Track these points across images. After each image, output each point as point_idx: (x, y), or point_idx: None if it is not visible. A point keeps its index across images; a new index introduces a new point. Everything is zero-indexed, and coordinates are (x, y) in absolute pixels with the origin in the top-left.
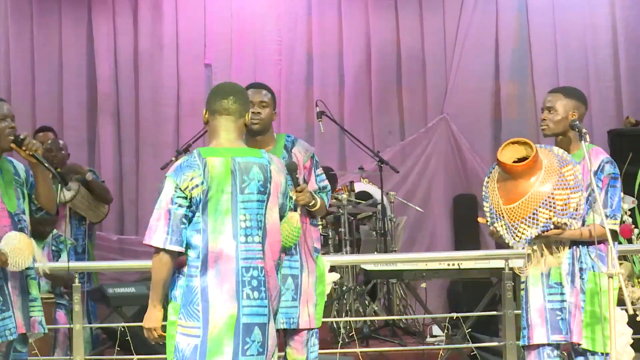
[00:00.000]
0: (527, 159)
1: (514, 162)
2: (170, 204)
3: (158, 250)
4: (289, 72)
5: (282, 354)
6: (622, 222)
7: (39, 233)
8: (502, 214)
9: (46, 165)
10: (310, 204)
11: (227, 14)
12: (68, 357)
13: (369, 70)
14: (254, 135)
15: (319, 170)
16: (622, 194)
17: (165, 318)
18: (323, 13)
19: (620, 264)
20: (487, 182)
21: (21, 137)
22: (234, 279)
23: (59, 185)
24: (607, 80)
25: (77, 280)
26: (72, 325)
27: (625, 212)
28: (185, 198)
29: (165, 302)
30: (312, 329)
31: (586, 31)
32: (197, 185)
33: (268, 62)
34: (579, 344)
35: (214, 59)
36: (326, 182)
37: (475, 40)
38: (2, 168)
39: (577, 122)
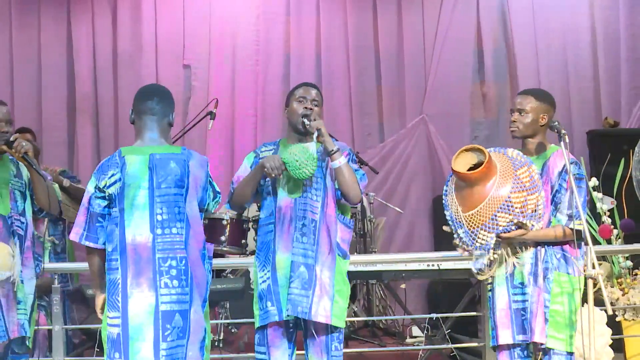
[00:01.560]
0: (481, 164)
1: (469, 169)
2: (88, 203)
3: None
4: (268, 73)
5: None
6: (601, 222)
7: None
8: (462, 221)
9: (34, 166)
10: (324, 137)
11: (206, 15)
12: (47, 359)
13: (347, 71)
14: (305, 135)
15: (355, 165)
16: (600, 195)
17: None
18: (301, 14)
19: (600, 264)
20: (446, 191)
21: (11, 139)
22: (151, 269)
23: None
24: (586, 80)
25: (56, 282)
26: (51, 327)
27: (605, 213)
28: (104, 197)
29: None
30: (332, 333)
31: (566, 32)
32: (114, 183)
33: (247, 62)
34: (542, 343)
35: (193, 60)
36: (360, 170)
37: (455, 41)
38: None
39: (556, 123)
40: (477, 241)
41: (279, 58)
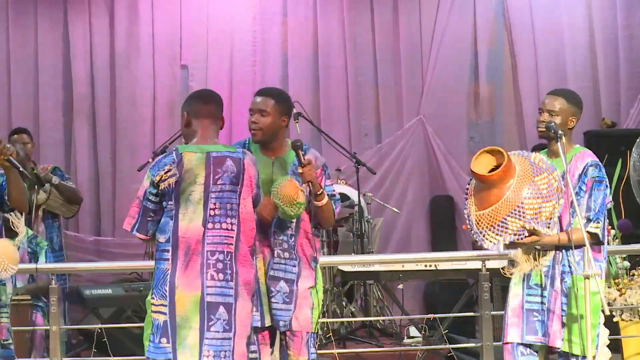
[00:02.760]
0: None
1: (490, 170)
2: (142, 197)
3: None
4: (265, 73)
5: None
6: None
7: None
8: (473, 220)
9: (21, 169)
10: (314, 185)
11: (203, 16)
12: (45, 359)
13: (345, 71)
14: (258, 143)
15: (329, 182)
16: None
17: None
18: (299, 14)
19: None
20: (467, 190)
21: None
22: (199, 261)
23: (36, 186)
24: (584, 81)
25: (53, 282)
26: (49, 327)
27: None
28: (157, 194)
29: None
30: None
31: (564, 32)
32: (170, 177)
33: (244, 63)
34: (558, 348)
35: (190, 60)
36: (335, 192)
37: (452, 41)
38: None
39: (553, 124)
40: (485, 241)
41: (276, 58)
